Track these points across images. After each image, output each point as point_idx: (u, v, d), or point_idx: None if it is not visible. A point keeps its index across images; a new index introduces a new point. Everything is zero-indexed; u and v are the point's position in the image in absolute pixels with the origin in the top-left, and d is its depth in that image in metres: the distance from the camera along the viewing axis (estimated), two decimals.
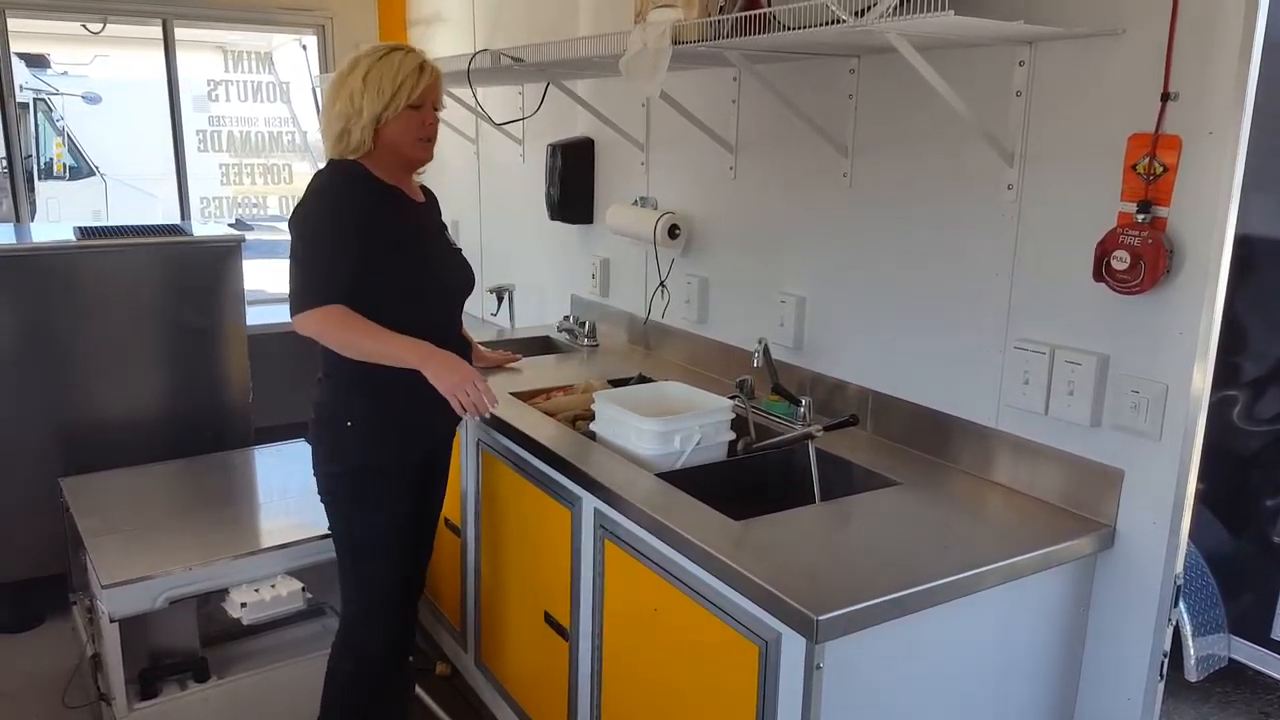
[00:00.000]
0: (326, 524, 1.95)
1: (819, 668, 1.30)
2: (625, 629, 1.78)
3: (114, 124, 7.44)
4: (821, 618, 1.26)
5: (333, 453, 1.90)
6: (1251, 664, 2.52)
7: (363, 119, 1.80)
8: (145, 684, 2.18)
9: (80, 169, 7.33)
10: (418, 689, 2.41)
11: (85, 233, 2.93)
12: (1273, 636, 2.45)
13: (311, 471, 1.94)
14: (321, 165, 1.91)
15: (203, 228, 3.23)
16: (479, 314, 3.47)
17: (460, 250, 2.08)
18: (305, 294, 1.73)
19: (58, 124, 7.22)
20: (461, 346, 2.00)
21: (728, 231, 2.43)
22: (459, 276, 2.01)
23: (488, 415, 1.88)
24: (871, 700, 1.40)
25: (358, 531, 1.93)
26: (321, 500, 1.95)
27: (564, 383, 2.43)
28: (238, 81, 4.68)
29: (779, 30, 1.57)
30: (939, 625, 1.42)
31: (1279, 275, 2.38)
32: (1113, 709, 1.62)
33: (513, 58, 2.34)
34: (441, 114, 1.93)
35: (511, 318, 3.20)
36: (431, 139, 1.89)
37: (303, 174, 5.22)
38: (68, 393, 2.85)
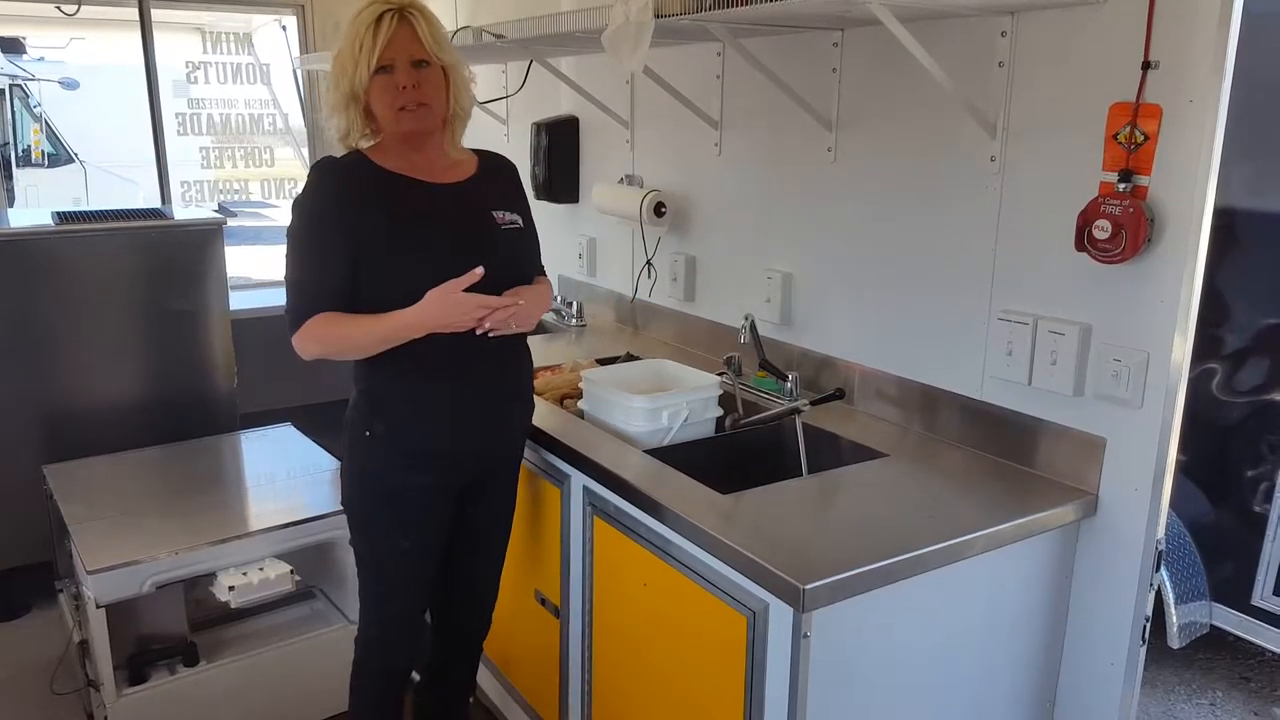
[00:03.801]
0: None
1: (806, 636, 1.31)
2: (615, 605, 1.79)
3: (92, 109, 7.34)
4: (808, 587, 1.27)
5: (351, 467, 1.73)
6: (1232, 630, 2.56)
7: (345, 99, 1.58)
8: (134, 669, 2.18)
9: (59, 156, 7.23)
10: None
11: (63, 217, 2.89)
12: (1253, 603, 2.49)
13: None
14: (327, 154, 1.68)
15: (183, 211, 3.20)
16: None
17: (513, 227, 1.73)
18: (291, 318, 1.58)
19: (35, 110, 7.12)
20: (496, 352, 1.67)
21: (714, 208, 2.42)
22: (488, 266, 1.60)
23: (512, 328, 1.59)
24: (858, 667, 1.42)
25: (373, 550, 1.76)
26: (344, 511, 1.80)
27: (552, 362, 2.43)
28: (217, 63, 4.62)
29: (762, 2, 1.56)
30: (924, 593, 1.44)
31: (1260, 247, 2.40)
32: (1096, 673, 1.64)
33: (494, 34, 2.32)
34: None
35: None
36: (406, 107, 1.55)
37: (284, 158, 5.17)
38: (50, 379, 2.82)
